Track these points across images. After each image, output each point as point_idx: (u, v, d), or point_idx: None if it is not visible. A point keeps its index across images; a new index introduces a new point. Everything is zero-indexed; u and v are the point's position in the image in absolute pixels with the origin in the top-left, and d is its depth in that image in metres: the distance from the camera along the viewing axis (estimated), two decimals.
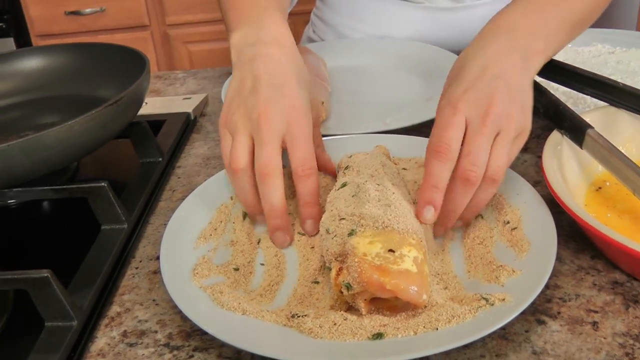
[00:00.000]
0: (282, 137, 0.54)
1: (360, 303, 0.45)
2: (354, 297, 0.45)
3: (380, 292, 0.44)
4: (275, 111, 0.54)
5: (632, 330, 0.45)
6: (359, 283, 0.44)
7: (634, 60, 0.83)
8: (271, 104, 0.54)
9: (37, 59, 0.74)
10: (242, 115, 0.55)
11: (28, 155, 0.52)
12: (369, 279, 0.44)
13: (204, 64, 2.42)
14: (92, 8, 2.27)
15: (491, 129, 0.50)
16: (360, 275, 0.44)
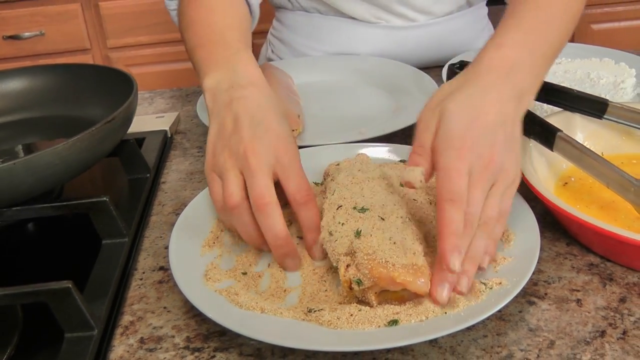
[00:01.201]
0: (272, 168, 0.54)
1: (372, 296, 0.48)
2: (363, 291, 0.48)
3: (390, 286, 0.48)
4: (261, 144, 0.54)
5: (611, 303, 0.51)
6: (369, 279, 0.47)
7: (579, 70, 0.91)
8: (256, 138, 0.55)
9: (22, 80, 0.74)
10: (228, 156, 0.55)
11: (32, 173, 0.53)
12: (380, 274, 0.47)
13: (147, 87, 2.40)
14: (32, 32, 2.23)
15: (487, 183, 0.50)
16: (371, 271, 0.47)
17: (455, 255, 0.47)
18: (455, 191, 0.48)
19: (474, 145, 0.50)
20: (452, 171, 0.49)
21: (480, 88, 0.54)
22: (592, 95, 0.69)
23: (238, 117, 0.56)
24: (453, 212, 0.48)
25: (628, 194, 0.56)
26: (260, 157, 0.54)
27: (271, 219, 0.52)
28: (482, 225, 0.50)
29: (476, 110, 0.52)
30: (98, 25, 2.29)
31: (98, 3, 2.24)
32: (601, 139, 0.70)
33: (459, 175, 0.49)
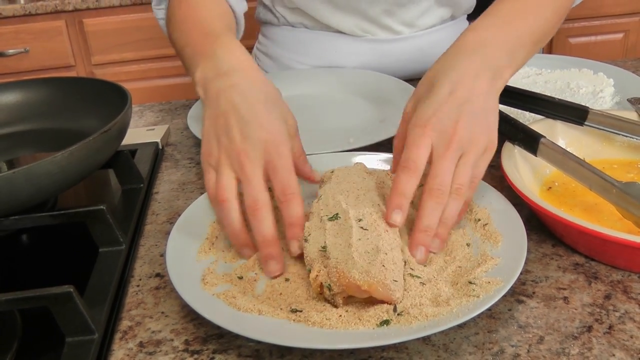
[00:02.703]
0: (264, 168, 0.56)
1: (339, 300, 0.50)
2: (333, 295, 0.50)
3: (358, 293, 0.49)
4: (252, 147, 0.56)
5: (597, 300, 0.53)
6: (338, 286, 0.49)
7: (559, 80, 0.94)
8: (247, 141, 0.56)
9: (16, 93, 0.75)
10: (222, 153, 0.57)
11: (32, 182, 0.54)
12: (347, 283, 0.49)
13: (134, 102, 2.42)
14: (16, 49, 2.23)
15: (454, 154, 0.55)
16: (339, 279, 0.49)
17: (397, 212, 0.54)
18: (411, 159, 0.55)
19: (437, 123, 0.56)
20: (412, 144, 0.55)
21: (449, 67, 0.59)
22: (573, 103, 0.72)
23: (227, 115, 0.57)
24: (403, 177, 0.55)
25: (610, 195, 0.58)
26: (252, 161, 0.55)
27: (262, 221, 0.54)
28: (453, 192, 0.55)
29: (443, 87, 0.57)
30: (82, 41, 2.30)
31: (82, 20, 2.26)
32: (583, 144, 0.73)
33: (417, 147, 0.55)
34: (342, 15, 1.02)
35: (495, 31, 0.62)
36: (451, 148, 0.55)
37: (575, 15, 2.43)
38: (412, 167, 0.55)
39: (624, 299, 0.53)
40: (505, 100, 0.77)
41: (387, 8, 1.00)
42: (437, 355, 0.48)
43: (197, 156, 0.85)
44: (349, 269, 0.49)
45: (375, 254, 0.50)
